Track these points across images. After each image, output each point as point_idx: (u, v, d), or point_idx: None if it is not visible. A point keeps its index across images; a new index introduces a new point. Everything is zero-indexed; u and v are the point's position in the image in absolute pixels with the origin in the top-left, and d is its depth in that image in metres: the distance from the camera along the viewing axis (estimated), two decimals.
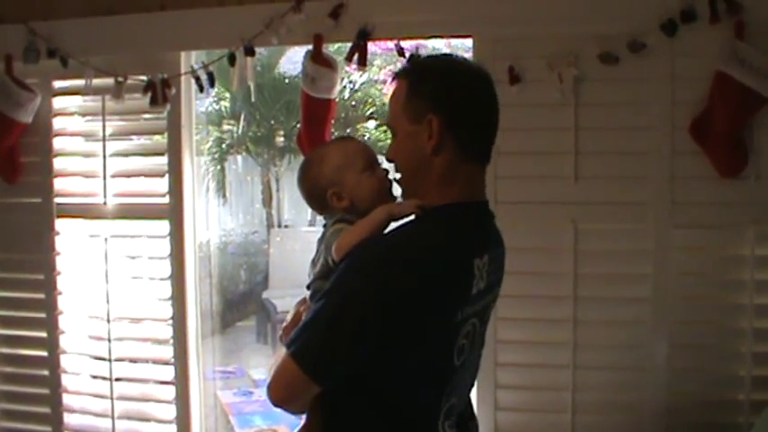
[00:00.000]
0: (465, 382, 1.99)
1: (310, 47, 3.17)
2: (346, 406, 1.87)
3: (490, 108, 1.90)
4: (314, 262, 2.03)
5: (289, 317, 2.12)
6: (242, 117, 10.49)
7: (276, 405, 1.86)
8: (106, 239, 3.58)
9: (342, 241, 1.86)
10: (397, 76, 1.95)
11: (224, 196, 10.48)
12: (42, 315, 3.65)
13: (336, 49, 3.28)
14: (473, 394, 2.13)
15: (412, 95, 1.87)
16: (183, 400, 3.55)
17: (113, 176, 3.57)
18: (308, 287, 2.04)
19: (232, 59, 3.23)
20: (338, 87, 3.24)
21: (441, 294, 1.76)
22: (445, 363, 1.83)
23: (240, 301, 10.18)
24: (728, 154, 2.87)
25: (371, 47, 3.15)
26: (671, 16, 2.83)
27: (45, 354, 3.66)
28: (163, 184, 3.50)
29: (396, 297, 1.72)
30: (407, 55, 3.09)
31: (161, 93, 3.32)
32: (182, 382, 3.54)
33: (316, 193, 2.09)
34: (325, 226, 2.05)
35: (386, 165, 2.06)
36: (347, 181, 2.03)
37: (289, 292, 8.34)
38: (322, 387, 1.79)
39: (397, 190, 2.03)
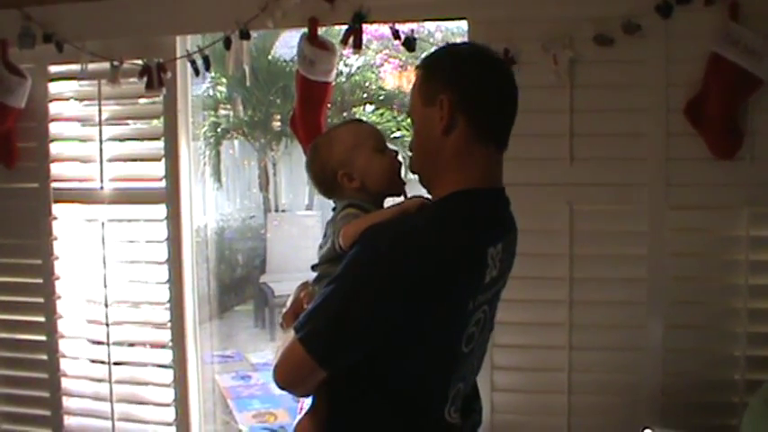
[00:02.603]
0: (472, 367, 1.99)
1: (305, 30, 3.17)
2: (353, 392, 1.87)
3: (504, 91, 1.89)
4: (321, 246, 2.04)
5: (289, 302, 2.11)
6: (239, 101, 10.48)
7: (281, 388, 1.86)
8: (103, 224, 3.59)
9: (349, 229, 1.85)
10: (417, 67, 1.95)
11: (219, 181, 10.46)
12: (40, 300, 3.66)
13: (325, 31, 3.26)
14: None
15: (426, 80, 1.89)
16: (181, 384, 3.56)
17: (110, 161, 3.57)
18: (314, 268, 2.04)
19: (227, 43, 3.23)
20: (336, 71, 3.24)
21: (452, 283, 1.76)
22: (454, 350, 1.83)
23: (238, 286, 10.19)
24: (723, 135, 2.88)
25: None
26: None
27: (43, 338, 3.67)
28: (159, 169, 3.50)
29: (406, 284, 1.72)
30: (403, 38, 3.10)
31: (157, 77, 3.31)
32: (180, 365, 3.55)
33: (325, 176, 2.08)
34: (334, 209, 2.05)
35: (394, 147, 2.07)
36: (358, 161, 2.03)
37: (286, 276, 8.37)
38: (329, 372, 1.79)
39: (408, 173, 2.05)
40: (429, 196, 1.93)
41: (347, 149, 2.05)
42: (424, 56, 2.01)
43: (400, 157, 2.06)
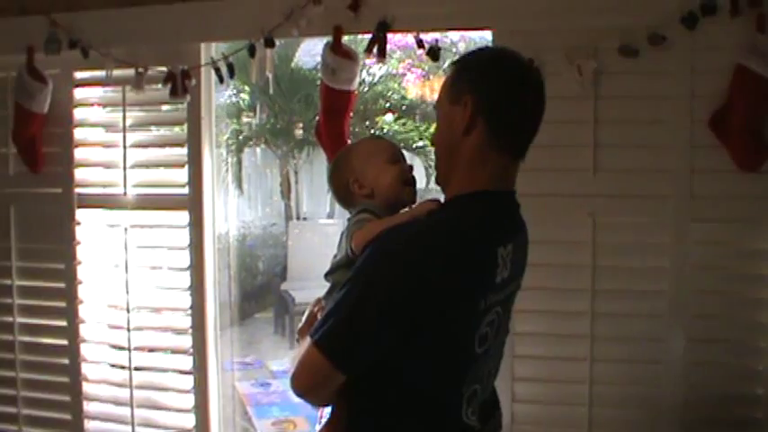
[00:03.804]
0: (488, 370, 1.99)
1: (329, 38, 3.18)
2: (370, 398, 1.88)
3: (527, 105, 1.90)
4: (335, 256, 2.05)
5: (304, 318, 2.14)
6: (260, 109, 10.52)
7: (299, 395, 1.87)
8: (126, 229, 3.61)
9: (360, 233, 1.88)
10: (452, 63, 2.00)
11: (239, 188, 10.51)
12: (63, 304, 3.68)
13: (350, 39, 3.27)
14: None
15: (456, 79, 1.92)
16: (201, 390, 3.57)
17: (133, 167, 3.59)
18: (326, 277, 2.05)
19: (252, 51, 3.24)
20: (358, 79, 3.25)
21: (464, 281, 1.77)
22: (467, 350, 1.84)
23: (258, 293, 10.22)
24: (748, 147, 2.85)
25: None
26: (691, 9, 2.81)
27: (65, 342, 3.69)
28: (182, 175, 3.52)
29: (418, 283, 1.73)
30: (427, 47, 3.10)
31: (181, 84, 3.33)
32: (200, 371, 3.56)
33: (342, 186, 2.16)
34: (349, 220, 2.07)
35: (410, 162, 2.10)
36: (370, 171, 2.10)
37: (307, 284, 8.38)
38: (346, 375, 1.80)
39: (427, 185, 2.06)
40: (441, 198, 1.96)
41: (362, 161, 2.13)
42: (462, 54, 2.04)
43: (422, 169, 2.08)
